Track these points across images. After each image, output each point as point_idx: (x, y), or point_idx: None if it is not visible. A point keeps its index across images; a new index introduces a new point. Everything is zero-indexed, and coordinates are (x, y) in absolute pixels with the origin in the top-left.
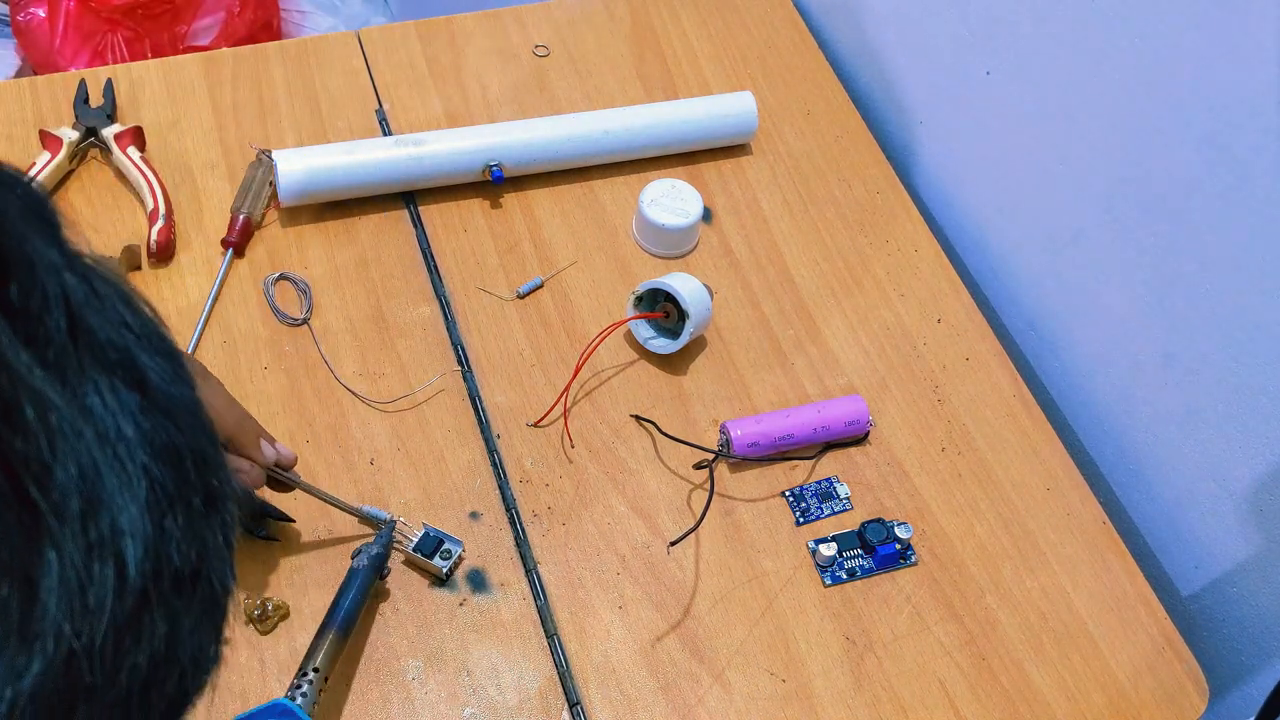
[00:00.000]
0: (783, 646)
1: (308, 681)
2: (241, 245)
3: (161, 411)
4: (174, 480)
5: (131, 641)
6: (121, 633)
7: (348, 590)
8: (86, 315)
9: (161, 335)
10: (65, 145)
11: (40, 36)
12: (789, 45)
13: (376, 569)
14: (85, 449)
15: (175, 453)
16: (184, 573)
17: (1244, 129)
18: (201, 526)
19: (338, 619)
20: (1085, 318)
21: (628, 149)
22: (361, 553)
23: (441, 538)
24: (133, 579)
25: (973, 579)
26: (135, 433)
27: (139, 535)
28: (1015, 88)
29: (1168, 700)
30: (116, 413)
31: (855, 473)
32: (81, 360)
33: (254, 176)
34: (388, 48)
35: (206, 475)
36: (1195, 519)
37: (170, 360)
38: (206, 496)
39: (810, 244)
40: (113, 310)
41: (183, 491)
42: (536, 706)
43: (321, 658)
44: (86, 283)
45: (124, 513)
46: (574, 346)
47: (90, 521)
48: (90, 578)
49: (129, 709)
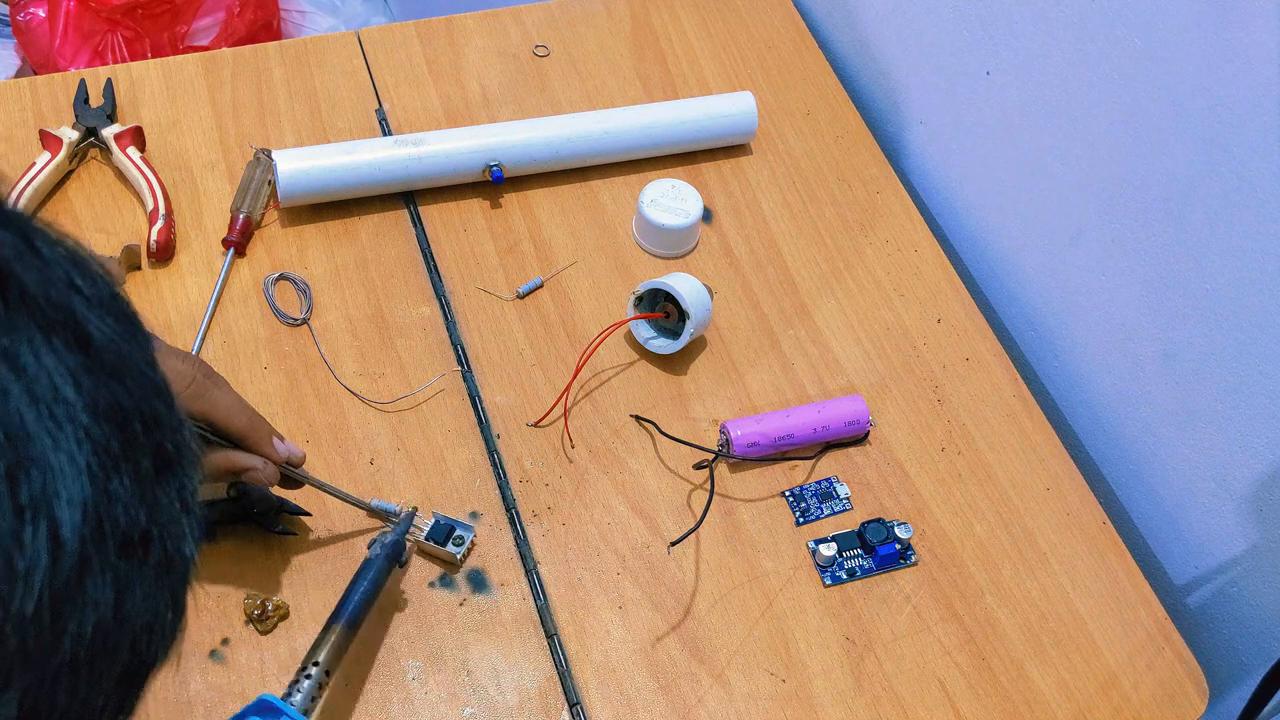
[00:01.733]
0: (783, 646)
1: (306, 677)
2: (242, 245)
3: (107, 372)
4: (120, 442)
5: (71, 607)
6: (59, 598)
7: (359, 581)
8: (18, 270)
9: (115, 298)
10: (65, 145)
11: (40, 36)
12: (789, 45)
13: (394, 558)
14: (13, 411)
15: (121, 413)
16: (133, 537)
17: (1244, 129)
18: (153, 489)
19: (346, 611)
20: (1085, 318)
21: (628, 149)
22: (376, 541)
23: (453, 525)
24: (69, 542)
25: (973, 579)
26: (74, 393)
27: (76, 498)
28: (1015, 88)
29: (1168, 700)
30: (52, 371)
31: (855, 473)
32: (12, 317)
33: (253, 176)
34: (388, 48)
35: (158, 436)
36: (1195, 519)
37: (123, 322)
38: (158, 458)
39: (810, 244)
40: (57, 269)
41: (130, 453)
42: (536, 706)
43: (326, 652)
44: (23, 240)
45: (58, 475)
46: (574, 346)
47: (17, 484)
48: (19, 542)
49: (76, 677)
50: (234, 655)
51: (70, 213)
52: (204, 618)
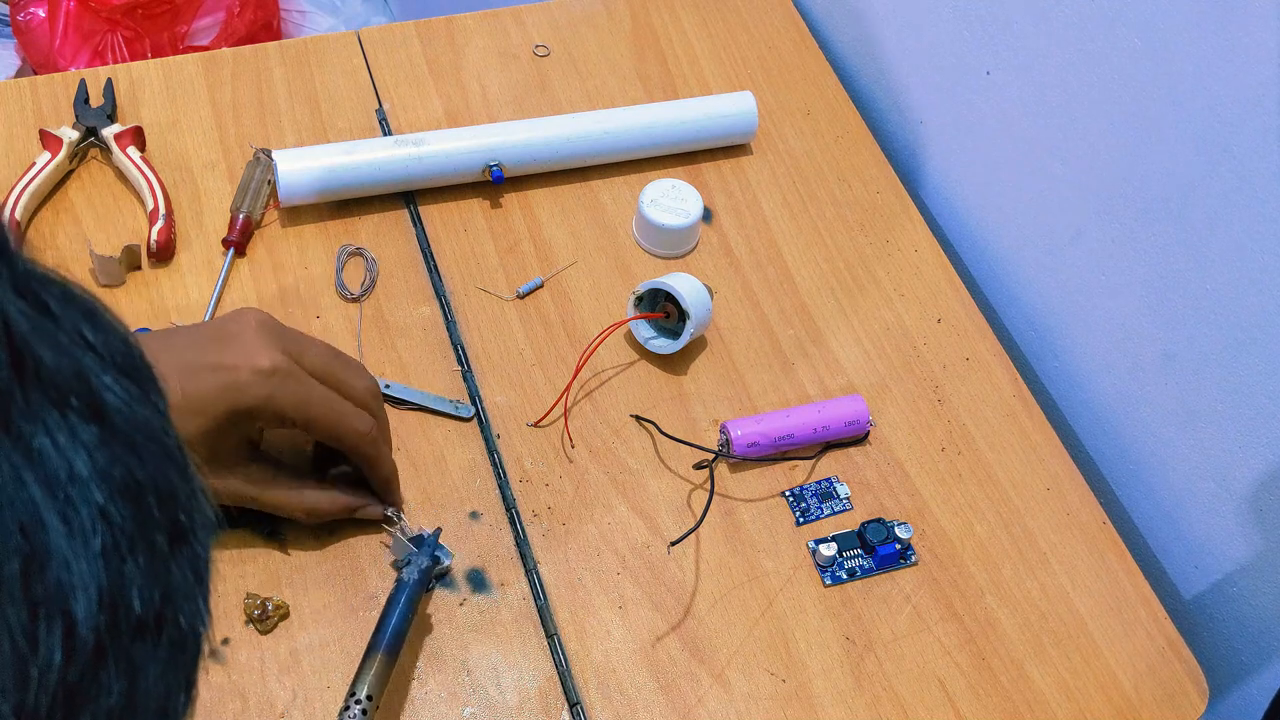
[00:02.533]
0: (783, 646)
1: (356, 706)
2: (242, 245)
3: (122, 441)
4: (134, 519)
5: (84, 699)
6: (73, 693)
7: (394, 605)
8: (34, 345)
9: (128, 351)
10: (65, 145)
11: (40, 36)
12: (789, 45)
13: (423, 583)
14: (28, 501)
15: (136, 488)
16: (146, 619)
17: (1244, 129)
18: (166, 565)
19: (384, 638)
20: (1085, 318)
21: (628, 149)
22: (410, 566)
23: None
24: (83, 636)
25: (973, 579)
26: (90, 470)
27: (91, 587)
28: (1015, 88)
29: (1168, 700)
30: (69, 450)
31: (855, 473)
32: (29, 398)
33: (252, 175)
34: (388, 48)
35: (173, 508)
36: (1195, 519)
37: (135, 379)
38: (173, 532)
39: (810, 244)
40: (70, 329)
41: (145, 530)
42: (536, 706)
43: (371, 681)
44: (38, 304)
45: (73, 565)
46: (574, 346)
47: (33, 581)
48: (34, 644)
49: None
50: (234, 655)
51: (70, 213)
52: None
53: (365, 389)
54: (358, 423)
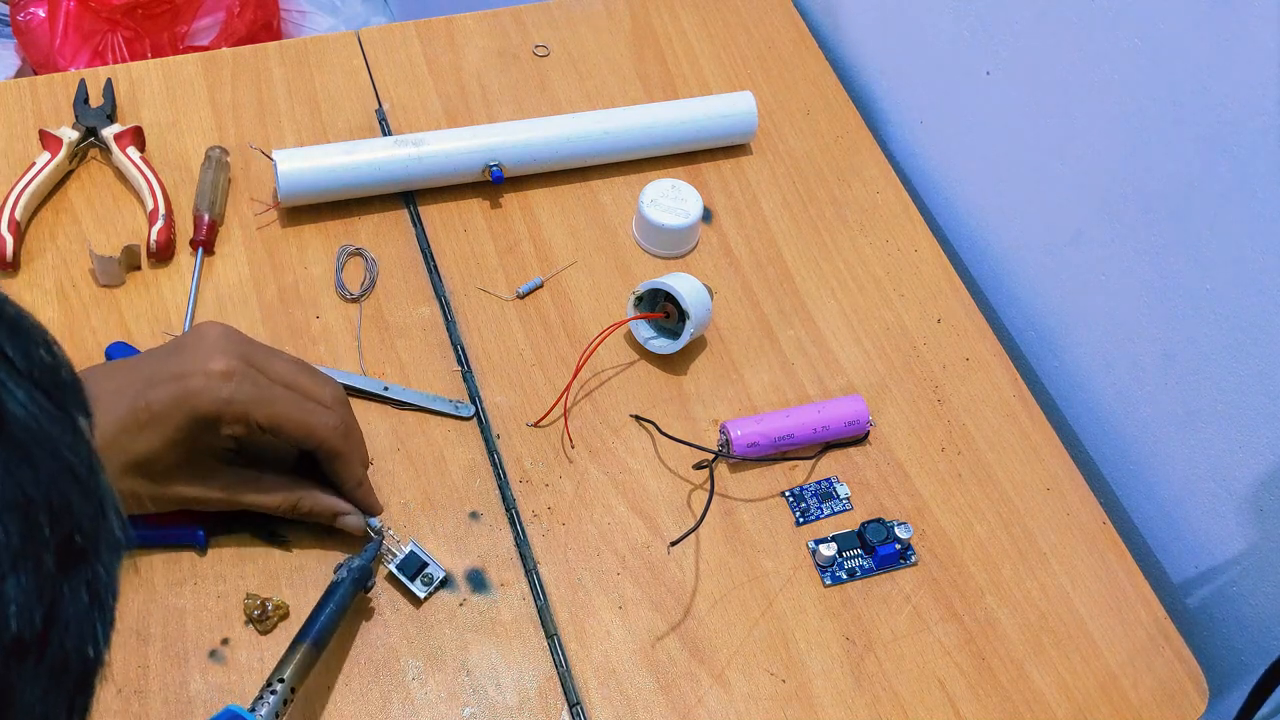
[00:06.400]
0: (783, 646)
1: (271, 692)
2: (210, 244)
3: (17, 454)
4: (19, 535)
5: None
6: None
7: (325, 603)
8: None
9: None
10: (65, 145)
11: (40, 36)
12: (789, 45)
13: (358, 582)
14: None
15: (25, 504)
16: (24, 639)
17: (1244, 129)
18: (54, 587)
19: (312, 631)
20: (1085, 318)
21: (628, 149)
22: (344, 565)
23: (425, 560)
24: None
25: (973, 579)
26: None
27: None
28: (1015, 88)
29: (1168, 700)
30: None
31: (855, 473)
32: None
33: (207, 175)
34: (388, 48)
35: (66, 527)
36: (1195, 519)
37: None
38: (64, 552)
39: (810, 244)
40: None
41: (29, 548)
42: (536, 706)
43: (291, 670)
44: None
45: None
46: (574, 346)
47: None
48: None
49: None
50: (234, 655)
51: (70, 213)
52: (204, 618)
53: (331, 395)
54: (325, 417)
